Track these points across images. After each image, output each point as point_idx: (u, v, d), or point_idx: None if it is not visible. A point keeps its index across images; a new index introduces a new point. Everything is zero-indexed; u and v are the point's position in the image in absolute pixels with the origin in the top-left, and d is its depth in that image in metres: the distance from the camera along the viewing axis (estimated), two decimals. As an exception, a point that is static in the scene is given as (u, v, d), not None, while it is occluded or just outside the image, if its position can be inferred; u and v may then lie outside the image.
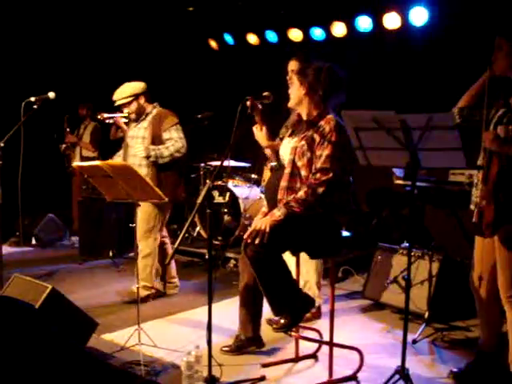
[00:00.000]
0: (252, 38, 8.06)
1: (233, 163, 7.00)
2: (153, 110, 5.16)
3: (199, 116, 6.65)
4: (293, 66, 4.40)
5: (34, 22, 7.75)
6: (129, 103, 5.09)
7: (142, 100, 5.12)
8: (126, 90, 5.09)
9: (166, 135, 5.03)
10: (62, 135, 8.31)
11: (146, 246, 5.08)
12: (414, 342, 4.21)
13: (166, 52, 8.56)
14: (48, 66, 8.00)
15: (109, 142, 7.83)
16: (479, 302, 3.56)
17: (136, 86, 5.12)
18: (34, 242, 7.66)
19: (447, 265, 4.69)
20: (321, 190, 3.36)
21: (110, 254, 6.61)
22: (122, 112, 5.18)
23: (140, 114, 5.14)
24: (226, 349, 3.99)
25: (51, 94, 4.75)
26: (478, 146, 3.36)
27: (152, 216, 5.04)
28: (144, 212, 4.97)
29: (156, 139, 5.03)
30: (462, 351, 4.09)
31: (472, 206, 3.40)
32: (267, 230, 3.29)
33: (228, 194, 6.84)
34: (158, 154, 4.95)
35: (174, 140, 5.01)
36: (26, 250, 7.33)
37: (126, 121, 5.24)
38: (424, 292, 4.60)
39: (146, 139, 5.04)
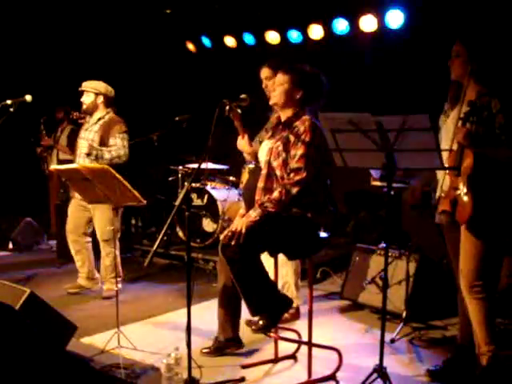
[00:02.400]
0: (229, 41, 8.07)
1: (211, 166, 7.01)
2: (106, 115, 5.29)
3: (177, 118, 6.63)
4: (265, 73, 4.42)
5: (10, 25, 7.69)
6: (88, 94, 5.26)
7: (99, 99, 5.28)
8: (95, 83, 5.29)
9: (111, 141, 5.17)
10: (38, 138, 8.25)
11: (75, 241, 5.47)
12: (392, 341, 4.25)
13: (144, 54, 8.53)
14: (24, 68, 7.94)
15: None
16: (462, 297, 3.60)
17: (105, 86, 5.31)
18: (11, 246, 7.59)
19: (424, 265, 4.75)
20: (295, 190, 3.39)
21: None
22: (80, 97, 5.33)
23: (91, 111, 5.29)
24: (206, 350, 4.00)
25: (28, 97, 4.72)
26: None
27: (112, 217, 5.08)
28: (102, 214, 5.16)
29: (103, 144, 5.17)
30: (440, 350, 4.14)
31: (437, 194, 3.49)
32: (243, 231, 3.31)
33: (206, 197, 6.84)
34: (99, 154, 5.04)
35: (117, 147, 5.14)
36: (3, 255, 7.26)
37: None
38: (402, 292, 4.65)
39: (94, 142, 5.17)
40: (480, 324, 3.36)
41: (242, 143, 4.36)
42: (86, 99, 5.28)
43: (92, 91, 5.26)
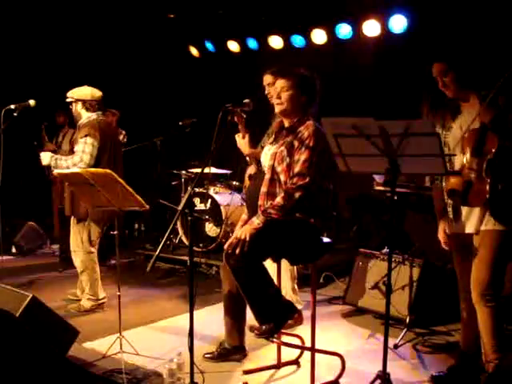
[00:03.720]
0: (233, 45, 8.08)
1: (214, 170, 7.00)
2: (85, 120, 5.01)
3: (181, 123, 6.64)
4: (268, 79, 4.43)
5: (12, 30, 7.70)
6: (71, 103, 5.07)
7: (78, 106, 5.02)
8: (72, 91, 5.08)
9: (75, 147, 4.91)
10: (40, 143, 8.25)
11: (78, 259, 5.08)
12: (396, 346, 4.23)
13: (147, 59, 8.54)
14: (25, 73, 7.95)
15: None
16: (466, 305, 3.56)
17: (78, 91, 5.05)
18: (14, 250, 7.58)
19: (428, 270, 4.72)
20: (297, 195, 3.38)
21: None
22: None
23: (78, 119, 5.08)
24: (209, 355, 3.98)
25: (31, 102, 4.72)
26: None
27: (80, 229, 5.02)
28: (72, 226, 5.04)
29: (73, 149, 4.99)
30: (443, 355, 4.12)
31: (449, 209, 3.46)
32: (247, 239, 3.30)
33: (209, 201, 6.84)
34: (58, 163, 4.85)
35: (76, 153, 4.84)
36: (6, 259, 7.23)
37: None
38: (405, 297, 4.62)
39: (65, 151, 5.05)
40: (488, 332, 3.34)
41: (242, 143, 4.35)
42: (72, 109, 5.09)
43: (70, 100, 5.05)
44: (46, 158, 4.93)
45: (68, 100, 5.07)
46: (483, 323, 3.35)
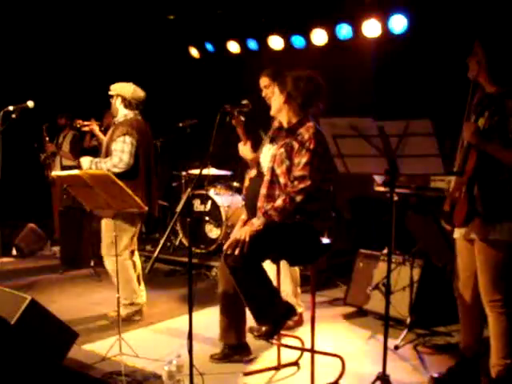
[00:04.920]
0: (233, 46, 8.06)
1: (214, 171, 6.99)
2: (121, 118, 4.91)
3: (181, 124, 6.64)
4: (264, 82, 4.43)
5: (12, 31, 7.70)
6: (112, 97, 4.95)
7: (117, 100, 4.91)
8: (116, 84, 4.97)
9: (112, 146, 4.76)
10: (41, 144, 8.26)
11: (109, 263, 4.85)
12: (396, 347, 4.22)
13: (147, 60, 8.53)
14: (26, 75, 7.95)
15: (85, 150, 7.80)
16: (462, 307, 3.57)
17: (120, 86, 4.95)
18: (14, 252, 7.58)
19: (428, 271, 4.71)
20: (299, 198, 3.36)
21: (92, 263, 6.54)
22: (93, 120, 5.11)
23: (114, 115, 4.97)
24: (216, 356, 3.98)
25: (30, 103, 4.71)
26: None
27: (111, 229, 4.76)
28: (105, 225, 4.88)
29: (108, 150, 4.85)
30: (444, 356, 4.11)
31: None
32: (247, 239, 3.29)
33: (210, 203, 6.82)
34: (98, 167, 4.69)
35: (114, 154, 4.71)
36: (6, 261, 7.24)
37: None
38: (406, 298, 4.61)
39: (103, 150, 4.96)
40: (497, 337, 3.32)
41: (245, 150, 4.35)
42: (112, 102, 4.96)
43: (112, 93, 4.94)
44: (85, 162, 4.76)
45: (110, 93, 4.96)
46: (492, 328, 3.34)
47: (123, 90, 4.93)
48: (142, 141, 4.84)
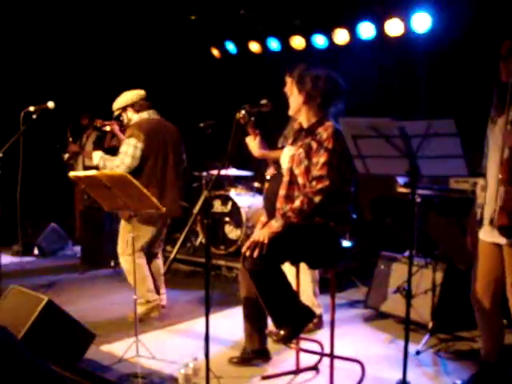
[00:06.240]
0: (254, 46, 8.01)
1: (235, 172, 6.96)
2: (137, 120, 4.91)
3: (201, 125, 6.60)
4: (288, 80, 4.37)
5: (36, 32, 7.74)
6: (121, 115, 4.99)
7: (129, 112, 4.93)
8: (117, 102, 4.98)
9: (120, 148, 4.79)
10: (65, 145, 8.30)
11: (123, 261, 4.88)
12: (418, 353, 4.13)
13: (169, 60, 8.53)
14: (50, 75, 7.99)
15: (106, 150, 7.82)
16: (481, 313, 3.49)
17: (123, 98, 4.95)
18: (36, 251, 7.61)
19: (451, 274, 4.62)
20: (317, 199, 3.30)
21: (112, 263, 6.53)
22: (114, 120, 5.12)
23: (129, 125, 4.96)
24: (235, 360, 3.93)
25: (50, 104, 4.71)
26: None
27: (128, 230, 4.74)
28: (122, 225, 4.90)
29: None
30: (467, 362, 4.01)
31: (479, 210, 3.34)
32: (265, 242, 3.24)
33: (230, 203, 6.79)
34: (105, 165, 4.73)
35: (118, 155, 4.72)
36: (27, 260, 7.28)
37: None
38: (428, 302, 4.52)
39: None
40: None
41: (253, 145, 4.30)
42: (124, 120, 5.00)
43: (119, 112, 4.97)
44: (96, 157, 4.83)
45: (117, 113, 4.98)
46: None
47: (127, 99, 4.94)
48: (153, 141, 4.80)
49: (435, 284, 4.51)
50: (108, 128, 5.46)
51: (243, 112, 3.51)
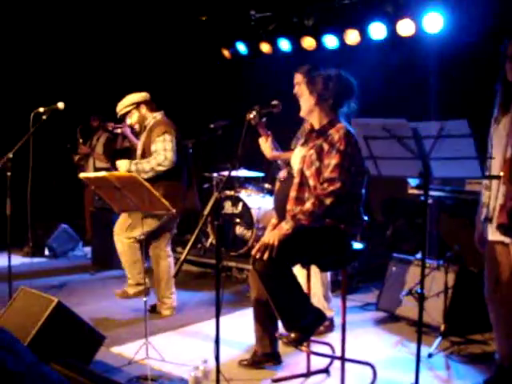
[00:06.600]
0: (265, 47, 7.99)
1: (246, 173, 6.93)
2: (151, 120, 4.97)
3: (212, 125, 6.59)
4: (297, 78, 4.36)
5: (46, 34, 7.76)
6: (130, 112, 4.99)
7: (143, 109, 4.98)
8: (128, 99, 5.01)
9: (152, 147, 4.81)
10: (75, 146, 8.32)
11: (118, 241, 5.05)
12: (430, 355, 4.09)
13: (179, 62, 8.53)
14: (60, 76, 8.01)
15: (117, 152, 7.84)
16: (496, 314, 3.45)
17: (136, 95, 5.01)
18: (46, 252, 7.63)
19: (464, 276, 4.57)
20: (328, 201, 3.27)
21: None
22: (125, 123, 5.13)
23: (142, 124, 5.01)
24: (244, 362, 3.91)
25: (60, 105, 4.71)
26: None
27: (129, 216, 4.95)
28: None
29: (147, 152, 4.87)
30: (480, 366, 3.96)
31: (484, 209, 3.32)
32: (275, 244, 3.21)
33: (241, 205, 6.76)
34: (139, 168, 4.73)
35: (157, 153, 4.76)
36: (38, 261, 7.30)
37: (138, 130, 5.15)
38: (440, 304, 4.48)
39: (139, 152, 4.97)
40: None
41: (265, 146, 4.27)
42: (133, 119, 5.01)
43: (130, 108, 4.97)
44: (122, 165, 4.80)
45: (127, 109, 4.98)
46: None
47: (139, 96, 5.00)
48: (180, 139, 4.95)
49: (447, 286, 4.47)
50: (119, 130, 5.47)
51: (254, 113, 3.49)
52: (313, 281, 4.41)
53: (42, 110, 4.64)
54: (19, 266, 6.67)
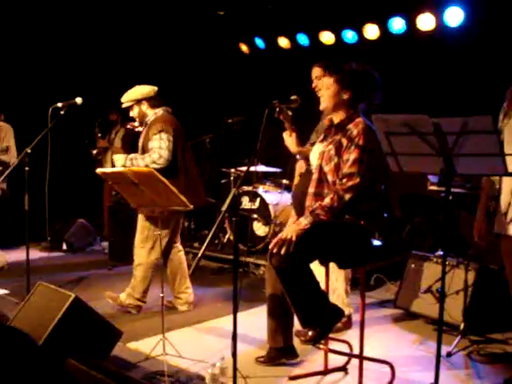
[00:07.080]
0: (283, 42, 7.95)
1: (264, 168, 6.90)
2: (152, 116, 4.90)
3: (230, 121, 6.57)
4: (316, 72, 4.33)
5: (64, 28, 7.77)
6: (131, 107, 4.95)
7: (144, 105, 4.90)
8: (130, 94, 4.95)
9: (150, 144, 4.76)
10: (93, 140, 8.33)
11: (137, 255, 4.94)
12: (449, 354, 4.03)
13: (197, 57, 8.52)
14: (78, 71, 8.02)
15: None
16: None
17: (139, 91, 4.93)
18: (64, 247, 7.65)
19: (484, 274, 4.51)
20: (348, 196, 3.23)
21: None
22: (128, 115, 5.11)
23: (143, 120, 4.97)
24: (261, 359, 3.88)
25: (78, 100, 4.71)
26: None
27: (145, 226, 4.89)
28: (139, 221, 4.94)
29: (145, 148, 4.83)
30: (500, 366, 3.91)
31: (492, 202, 3.29)
32: (293, 239, 3.17)
33: (258, 200, 6.74)
34: (134, 164, 4.69)
35: (152, 151, 4.70)
36: (56, 256, 7.33)
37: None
38: (459, 302, 4.42)
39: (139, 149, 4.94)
40: None
41: (290, 141, 4.23)
42: (134, 113, 4.98)
43: (131, 103, 4.93)
44: (119, 159, 4.81)
45: (128, 104, 4.94)
46: None
47: (142, 93, 4.92)
48: (179, 136, 4.84)
49: (467, 284, 4.41)
50: (141, 129, 5.46)
51: (283, 106, 3.47)
52: (335, 275, 4.38)
53: (59, 105, 4.66)
54: (37, 260, 6.69)
